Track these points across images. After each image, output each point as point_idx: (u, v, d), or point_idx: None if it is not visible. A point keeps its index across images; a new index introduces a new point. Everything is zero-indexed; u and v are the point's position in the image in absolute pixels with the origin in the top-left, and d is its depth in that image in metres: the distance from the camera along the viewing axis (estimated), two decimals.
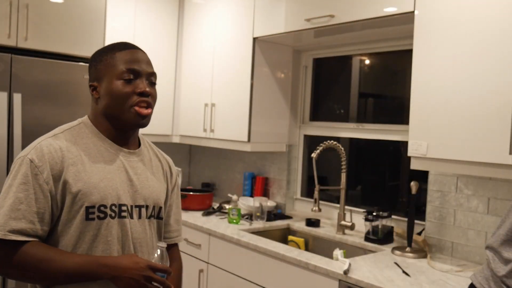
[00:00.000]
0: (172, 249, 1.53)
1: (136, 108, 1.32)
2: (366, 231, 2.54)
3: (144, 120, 1.34)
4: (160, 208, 1.43)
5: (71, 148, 1.29)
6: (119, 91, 1.31)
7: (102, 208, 1.28)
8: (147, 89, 1.33)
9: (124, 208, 1.32)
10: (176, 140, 3.64)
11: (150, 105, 1.36)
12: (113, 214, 1.29)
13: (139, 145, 1.46)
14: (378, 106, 3.02)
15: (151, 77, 1.38)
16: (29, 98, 2.62)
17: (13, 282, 2.55)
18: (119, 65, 1.32)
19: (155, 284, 1.23)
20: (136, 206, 1.36)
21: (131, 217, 1.34)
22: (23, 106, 2.59)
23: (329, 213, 3.03)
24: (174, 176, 1.55)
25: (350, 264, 2.02)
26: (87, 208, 1.26)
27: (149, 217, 1.39)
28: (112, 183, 1.31)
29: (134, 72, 1.33)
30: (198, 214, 3.10)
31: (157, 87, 1.44)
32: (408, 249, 2.31)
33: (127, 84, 1.32)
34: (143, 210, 1.37)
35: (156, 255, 1.32)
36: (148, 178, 1.40)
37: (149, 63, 1.39)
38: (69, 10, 2.88)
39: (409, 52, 2.14)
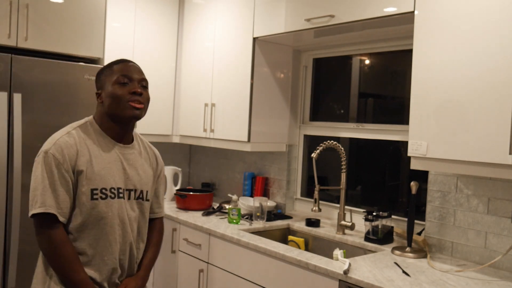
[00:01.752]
0: (155, 222, 1.92)
1: (131, 103, 1.67)
2: (366, 231, 2.54)
3: (138, 111, 1.69)
4: (147, 192, 1.80)
5: (81, 142, 1.65)
6: (117, 92, 1.67)
7: (103, 190, 1.65)
8: (138, 89, 1.69)
9: (121, 190, 1.70)
10: (176, 140, 3.64)
11: (142, 102, 1.70)
12: (112, 195, 1.67)
13: (133, 140, 1.81)
14: (378, 106, 3.02)
15: (142, 82, 1.73)
16: (29, 98, 2.62)
17: (13, 281, 2.55)
18: (115, 74, 1.70)
19: None
20: (127, 190, 1.73)
21: (126, 198, 1.72)
22: (23, 106, 2.60)
23: (329, 213, 3.03)
24: (159, 166, 1.91)
25: (350, 264, 2.02)
26: (92, 190, 1.62)
27: (137, 199, 1.76)
28: (111, 171, 1.68)
29: (127, 77, 1.69)
30: (198, 214, 3.10)
31: (157, 87, 1.67)
32: (408, 249, 2.31)
33: (122, 87, 1.68)
34: (132, 193, 1.74)
35: None
36: (138, 167, 1.77)
37: (140, 71, 1.76)
38: (69, 10, 2.89)
39: (409, 52, 2.14)
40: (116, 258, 1.69)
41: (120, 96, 1.66)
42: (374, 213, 2.51)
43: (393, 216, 2.60)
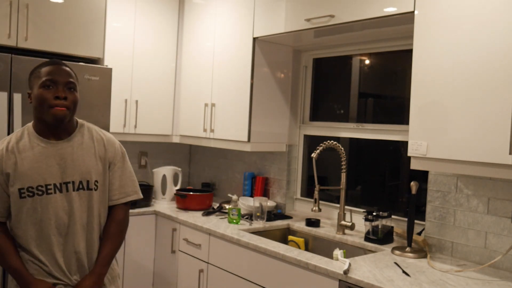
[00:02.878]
0: (112, 210, 1.91)
1: (54, 107, 1.72)
2: (366, 231, 2.54)
3: (61, 115, 1.73)
4: (91, 181, 1.82)
5: (12, 147, 1.76)
6: (41, 96, 1.72)
7: (30, 189, 1.73)
8: (61, 94, 1.73)
9: (50, 187, 1.75)
10: (176, 140, 3.64)
11: (67, 106, 1.74)
12: (39, 193, 1.74)
13: (71, 134, 1.84)
14: (378, 106, 3.02)
15: (68, 85, 1.76)
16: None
17: (13, 281, 2.55)
18: (42, 77, 1.74)
19: None
20: (64, 183, 1.77)
21: (60, 192, 1.77)
22: (23, 106, 2.60)
23: (329, 213, 3.03)
24: (109, 152, 1.90)
25: (350, 264, 2.02)
26: (19, 189, 1.73)
27: (77, 190, 1.79)
28: (39, 169, 1.75)
29: (52, 81, 1.73)
30: (198, 214, 3.10)
31: (157, 87, 1.64)
32: (408, 249, 2.31)
33: (47, 90, 1.72)
34: (70, 185, 1.78)
35: None
36: (74, 159, 1.80)
37: (67, 74, 1.77)
38: (69, 10, 2.89)
39: (409, 52, 2.14)
40: (59, 252, 1.76)
41: (44, 100, 1.71)
42: (374, 213, 2.51)
43: (393, 216, 2.60)
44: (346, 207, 2.73)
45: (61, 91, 1.73)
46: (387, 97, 3.00)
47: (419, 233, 2.43)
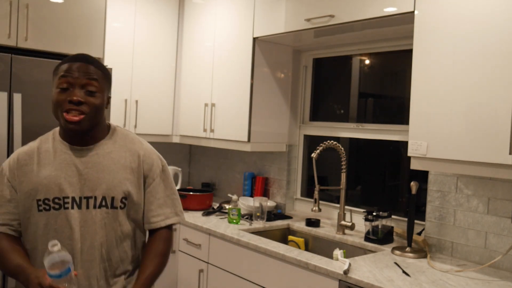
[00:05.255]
0: (155, 234, 1.62)
1: (65, 114, 1.45)
2: (366, 231, 2.54)
3: (73, 125, 1.46)
4: (113, 197, 1.52)
5: (33, 151, 1.55)
6: (55, 98, 1.48)
7: (46, 201, 1.48)
8: (74, 98, 1.45)
9: (67, 200, 1.49)
10: (176, 140, 3.64)
11: (83, 112, 1.46)
12: (56, 206, 1.48)
13: (100, 140, 1.58)
14: (378, 106, 3.02)
15: (87, 86, 1.48)
16: (29, 98, 2.62)
17: (13, 281, 2.55)
18: (58, 74, 1.49)
19: None
20: (84, 198, 1.50)
21: (79, 207, 1.50)
22: (23, 106, 2.59)
23: (329, 213, 3.03)
24: (145, 165, 1.59)
25: (350, 264, 2.02)
26: (37, 201, 1.49)
27: (99, 207, 1.51)
28: (56, 179, 1.49)
29: (68, 82, 1.46)
30: (198, 214, 3.10)
31: (157, 87, 1.56)
32: (408, 249, 2.31)
33: (62, 93, 1.46)
34: (91, 200, 1.51)
35: (46, 258, 1.33)
36: (99, 171, 1.52)
37: (88, 73, 1.48)
38: (69, 10, 2.88)
39: (409, 52, 2.14)
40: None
41: (57, 103, 1.47)
42: (374, 213, 2.51)
43: (393, 216, 2.60)
44: (346, 207, 2.73)
45: (76, 94, 1.45)
46: (387, 97, 3.00)
47: (419, 233, 2.43)
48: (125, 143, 1.60)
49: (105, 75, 1.54)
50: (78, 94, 1.45)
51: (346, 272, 1.96)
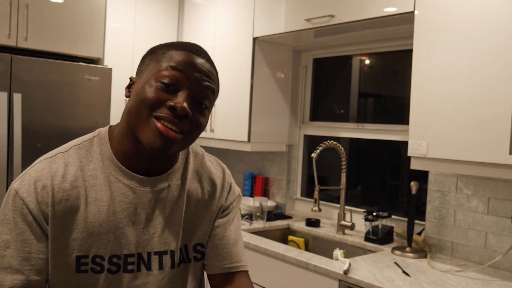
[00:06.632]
0: (238, 280, 1.13)
1: (157, 122, 0.93)
2: (366, 231, 2.54)
3: (164, 144, 0.93)
4: (186, 246, 1.10)
5: (75, 179, 0.99)
6: (147, 93, 0.94)
7: (97, 259, 0.99)
8: (182, 105, 0.93)
9: (131, 260, 1.02)
10: None
11: (183, 131, 0.95)
12: (113, 268, 1.00)
13: (173, 165, 1.08)
14: (378, 106, 3.02)
15: (201, 97, 0.97)
16: (29, 98, 2.62)
17: None
18: (166, 61, 0.96)
19: None
20: (156, 253, 1.04)
21: (148, 269, 1.03)
22: (23, 106, 2.59)
23: (329, 213, 3.03)
24: (230, 199, 1.17)
25: (350, 264, 2.02)
26: (78, 257, 0.98)
27: (178, 265, 1.07)
28: (116, 228, 1.00)
29: (178, 80, 0.95)
30: None
31: None
32: (408, 249, 2.31)
33: (163, 91, 0.94)
34: (166, 258, 1.05)
35: None
36: (174, 212, 1.06)
37: (208, 78, 0.99)
38: (69, 10, 2.88)
39: (409, 52, 2.14)
40: None
41: (150, 102, 0.94)
42: (374, 213, 2.51)
43: (393, 216, 2.60)
44: (346, 207, 2.73)
45: (184, 101, 0.94)
46: (387, 97, 3.00)
47: (419, 233, 2.43)
48: (197, 167, 1.14)
49: (218, 86, 1.06)
50: (188, 103, 0.95)
51: (346, 272, 1.96)
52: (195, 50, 1.00)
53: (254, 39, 2.97)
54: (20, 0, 2.68)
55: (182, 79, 0.95)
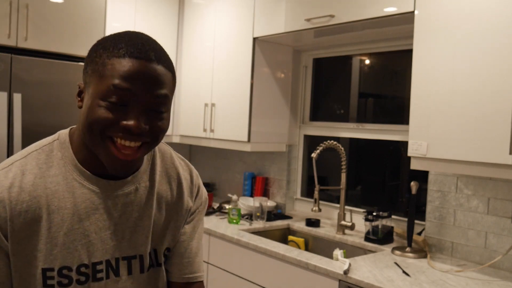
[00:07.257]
0: None
1: (111, 145, 0.89)
2: (366, 231, 2.54)
3: (120, 169, 0.91)
4: (156, 250, 1.07)
5: (34, 189, 0.92)
6: (96, 115, 0.87)
7: (64, 271, 0.93)
8: (135, 127, 0.87)
9: (100, 267, 0.97)
10: (176, 140, 3.64)
11: (144, 141, 0.91)
12: (82, 279, 0.95)
13: (138, 167, 1.03)
14: (378, 106, 3.02)
15: (154, 105, 0.90)
16: (29, 98, 2.62)
17: None
18: (109, 78, 0.86)
19: None
20: (124, 258, 1.01)
21: (116, 275, 1.00)
22: (23, 106, 2.60)
23: (329, 213, 3.03)
24: (197, 202, 1.15)
25: (350, 264, 2.02)
26: (44, 270, 0.92)
27: (147, 269, 1.05)
28: (82, 236, 0.95)
29: (122, 99, 0.87)
30: None
31: None
32: (408, 249, 2.31)
33: (113, 110, 0.87)
34: (134, 262, 1.02)
35: None
36: (143, 216, 1.03)
37: (156, 83, 0.88)
38: (69, 10, 2.88)
39: (409, 52, 2.14)
40: None
41: (100, 124, 0.88)
42: (374, 213, 2.51)
43: (393, 216, 2.60)
44: (346, 207, 2.73)
45: (137, 118, 0.88)
46: (387, 97, 3.00)
47: (419, 233, 2.43)
48: (166, 168, 1.13)
49: (174, 76, 0.96)
50: (141, 119, 0.88)
51: (346, 272, 1.96)
52: (140, 53, 0.88)
53: (254, 39, 2.97)
54: (20, 0, 2.68)
55: (131, 95, 0.87)
